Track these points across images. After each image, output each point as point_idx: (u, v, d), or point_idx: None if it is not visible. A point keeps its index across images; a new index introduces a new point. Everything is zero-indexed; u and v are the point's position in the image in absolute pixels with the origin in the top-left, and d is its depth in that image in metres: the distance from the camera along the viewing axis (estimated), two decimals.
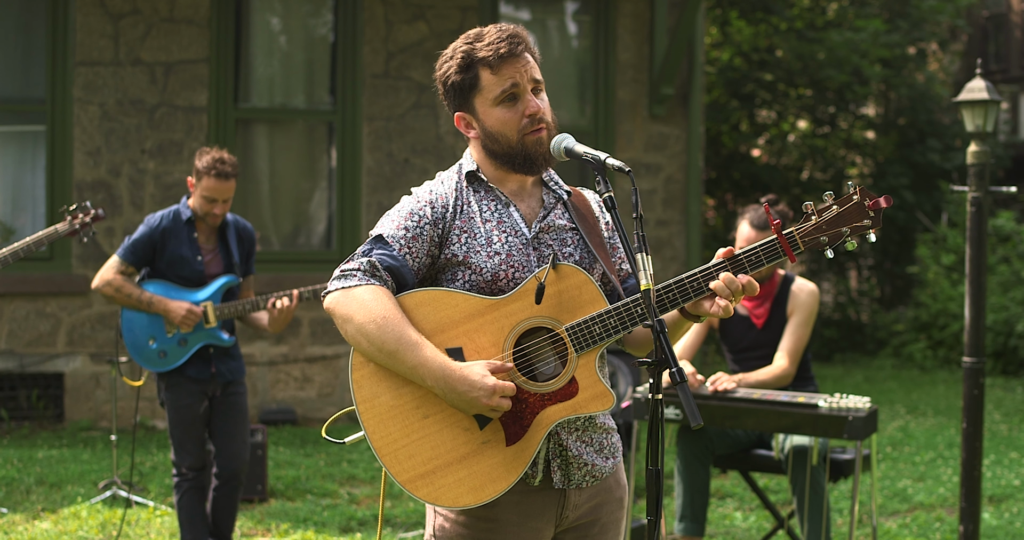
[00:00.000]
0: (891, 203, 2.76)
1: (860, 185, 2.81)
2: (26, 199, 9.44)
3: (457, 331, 2.79)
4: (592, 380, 2.79)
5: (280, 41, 10.04)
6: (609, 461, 2.95)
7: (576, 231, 2.96)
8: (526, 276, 2.85)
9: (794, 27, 16.03)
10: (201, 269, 5.47)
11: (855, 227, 2.73)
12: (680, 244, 10.49)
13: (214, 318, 5.44)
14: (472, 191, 2.94)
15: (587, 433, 2.90)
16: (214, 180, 5.35)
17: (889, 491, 7.45)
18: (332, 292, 2.82)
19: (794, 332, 5.51)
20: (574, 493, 2.89)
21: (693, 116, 10.44)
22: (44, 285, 9.16)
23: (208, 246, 5.54)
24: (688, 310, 2.82)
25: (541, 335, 2.83)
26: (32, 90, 9.37)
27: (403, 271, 2.81)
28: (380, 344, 2.72)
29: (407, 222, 2.85)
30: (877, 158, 16.83)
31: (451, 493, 2.74)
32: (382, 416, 2.77)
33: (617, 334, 2.78)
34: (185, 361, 5.45)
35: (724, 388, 5.20)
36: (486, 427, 2.76)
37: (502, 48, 2.83)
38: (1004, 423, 10.21)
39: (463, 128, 2.95)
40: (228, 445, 5.57)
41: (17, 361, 9.14)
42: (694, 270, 2.79)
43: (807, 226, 2.76)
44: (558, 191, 3.00)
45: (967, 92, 5.46)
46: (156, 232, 5.43)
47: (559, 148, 2.87)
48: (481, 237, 2.87)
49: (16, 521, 6.45)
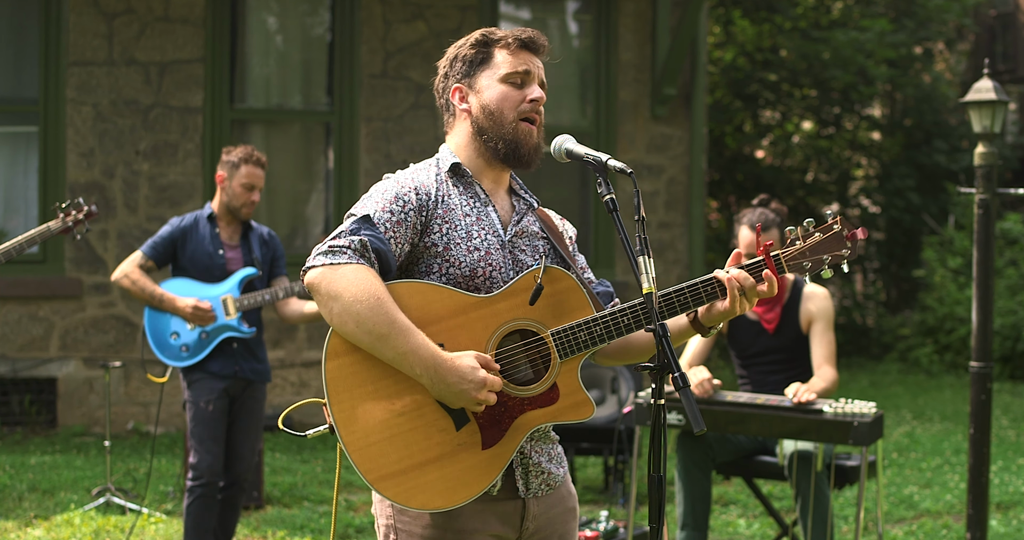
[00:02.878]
0: (867, 235, 2.92)
1: (839, 214, 2.93)
2: (18, 201, 9.40)
3: (440, 326, 2.72)
4: (573, 387, 2.77)
5: (276, 41, 10.02)
6: (560, 469, 2.93)
7: (547, 240, 2.94)
8: (502, 277, 2.81)
9: (798, 26, 16.00)
10: (222, 263, 5.59)
11: (834, 255, 2.87)
12: (682, 247, 10.46)
13: (234, 310, 5.53)
14: (452, 184, 2.88)
15: (540, 442, 2.86)
16: (252, 167, 5.59)
17: (895, 498, 7.43)
18: (317, 267, 2.69)
19: (823, 339, 5.49)
20: (532, 502, 2.86)
21: (696, 117, 10.42)
22: (37, 288, 9.10)
23: (231, 243, 5.67)
24: (701, 321, 2.85)
25: (524, 337, 2.78)
26: (25, 90, 9.33)
27: (388, 256, 2.73)
28: (371, 326, 2.62)
29: (392, 206, 2.77)
30: (883, 159, 16.80)
31: (422, 495, 2.67)
32: (354, 410, 2.67)
33: (603, 342, 2.76)
34: (208, 356, 5.52)
35: (806, 399, 5.10)
36: (462, 429, 2.70)
37: (524, 35, 2.88)
38: (1012, 429, 10.21)
39: (456, 100, 2.91)
40: (237, 448, 5.59)
41: (9, 366, 9.09)
42: (681, 285, 2.81)
43: (792, 251, 2.87)
44: (528, 198, 2.99)
45: (974, 92, 5.45)
46: (177, 230, 5.60)
47: (560, 149, 2.85)
48: (461, 230, 2.81)
49: (8, 528, 6.41)
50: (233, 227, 5.66)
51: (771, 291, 2.80)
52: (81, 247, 9.12)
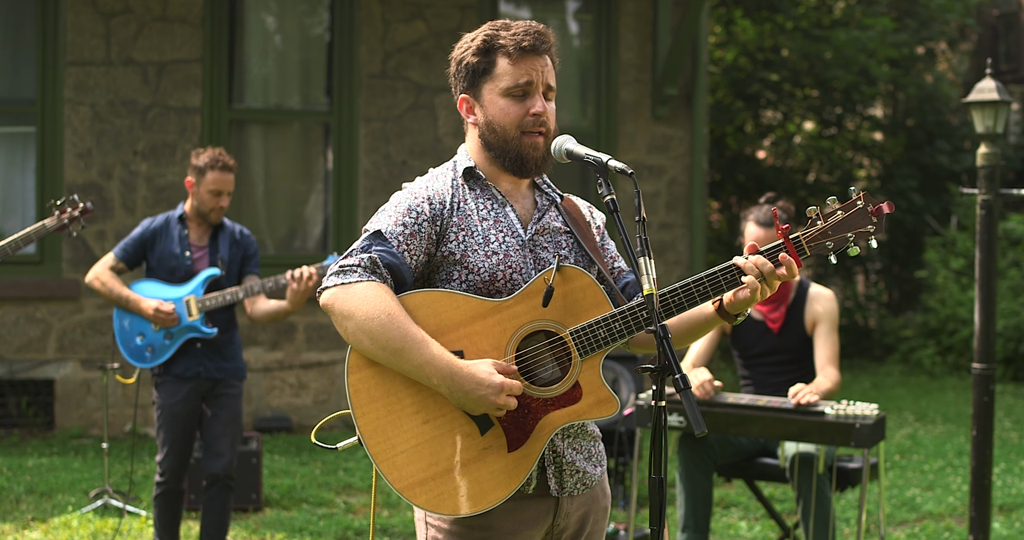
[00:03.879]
0: (893, 209, 2.80)
1: (864, 190, 2.87)
2: (16, 201, 9.37)
3: (458, 334, 2.75)
4: (596, 385, 2.78)
5: (275, 40, 9.99)
6: (598, 469, 2.93)
7: (571, 234, 2.95)
8: (523, 277, 2.82)
9: (800, 26, 15.97)
10: (188, 265, 5.61)
11: (859, 232, 2.78)
12: (683, 248, 10.44)
13: (196, 310, 5.54)
14: (468, 188, 2.88)
15: (578, 440, 2.88)
16: (219, 172, 5.61)
17: (897, 500, 7.41)
18: (330, 288, 2.75)
19: (827, 341, 5.49)
20: (566, 501, 2.87)
21: (697, 117, 10.40)
22: (34, 289, 9.07)
23: (199, 244, 5.68)
24: (727, 308, 2.84)
25: (544, 338, 2.79)
26: (22, 90, 9.30)
27: (402, 269, 2.76)
28: (384, 342, 2.66)
29: (405, 218, 2.79)
30: (885, 160, 16.77)
31: (451, 501, 2.70)
32: (379, 421, 2.72)
33: (623, 338, 2.77)
34: (173, 358, 5.56)
35: (807, 401, 5.10)
36: (487, 433, 2.72)
37: (526, 41, 2.83)
38: (1015, 431, 10.18)
39: (464, 112, 2.91)
40: (213, 445, 5.60)
41: (6, 367, 9.06)
42: (700, 274, 2.78)
43: (813, 231, 2.80)
44: (551, 194, 2.99)
45: (977, 92, 5.43)
46: (148, 231, 5.65)
47: (560, 150, 2.85)
48: (478, 236, 2.82)
49: (6, 531, 6.40)
50: (204, 228, 5.70)
51: (791, 274, 2.78)
52: (79, 248, 9.09)
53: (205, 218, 5.62)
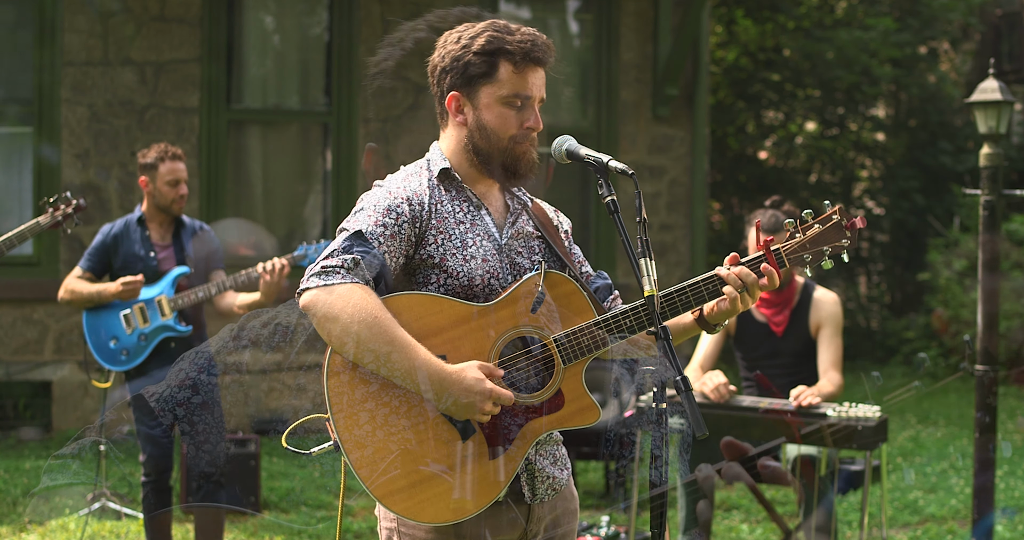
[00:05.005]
0: (865, 224, 2.91)
1: (839, 205, 2.92)
2: (12, 202, 9.36)
3: (441, 338, 2.69)
4: (579, 393, 2.75)
5: (274, 40, 9.99)
6: (564, 472, 2.92)
7: (543, 239, 2.92)
8: (500, 283, 2.78)
9: (802, 26, 15.97)
10: (154, 265, 5.63)
11: (834, 246, 2.86)
12: (684, 249, 10.43)
13: (169, 310, 5.56)
14: (443, 190, 2.83)
15: (545, 446, 2.86)
16: (171, 162, 5.62)
17: (899, 503, 7.40)
18: (312, 289, 2.66)
19: (831, 344, 5.55)
20: (538, 507, 2.84)
21: (698, 117, 10.39)
22: (31, 291, 9.06)
23: (163, 243, 5.70)
24: (706, 318, 2.84)
25: (527, 344, 2.76)
26: (19, 91, 9.28)
27: (383, 271, 2.69)
28: (371, 346, 2.60)
29: (385, 219, 2.73)
30: (887, 160, 16.76)
31: (431, 508, 2.65)
32: (359, 427, 2.66)
33: (606, 346, 2.74)
34: (148, 359, 5.56)
35: (809, 403, 5.11)
36: (469, 439, 2.68)
37: (535, 52, 2.83)
38: (1017, 433, 10.17)
39: (452, 109, 2.85)
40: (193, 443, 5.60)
41: (3, 369, 9.05)
42: (683, 284, 2.78)
43: (792, 244, 2.87)
44: (521, 197, 2.95)
45: (980, 93, 5.43)
46: (108, 237, 5.67)
47: (560, 150, 2.82)
48: (456, 239, 2.78)
49: (3, 534, 6.40)
50: (165, 227, 5.72)
51: (772, 284, 2.79)
52: (76, 250, 9.07)
53: (167, 211, 5.63)
